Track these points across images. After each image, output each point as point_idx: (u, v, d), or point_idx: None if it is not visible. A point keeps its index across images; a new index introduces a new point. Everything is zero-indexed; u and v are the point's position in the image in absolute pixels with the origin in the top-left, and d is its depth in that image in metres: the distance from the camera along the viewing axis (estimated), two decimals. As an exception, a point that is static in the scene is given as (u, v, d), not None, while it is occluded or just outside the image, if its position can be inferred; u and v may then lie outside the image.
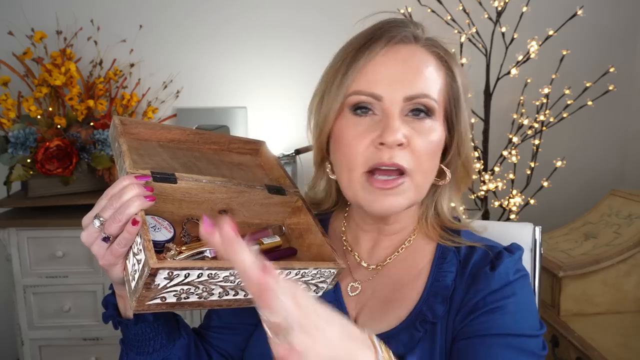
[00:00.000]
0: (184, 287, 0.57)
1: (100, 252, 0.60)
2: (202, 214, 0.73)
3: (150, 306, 0.57)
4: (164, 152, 0.76)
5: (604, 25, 2.15)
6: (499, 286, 0.66)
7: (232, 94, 2.18)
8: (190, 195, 0.71)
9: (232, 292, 0.62)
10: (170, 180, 0.68)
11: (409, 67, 0.65)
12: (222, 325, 0.81)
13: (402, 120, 0.65)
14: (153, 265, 0.52)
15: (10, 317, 1.97)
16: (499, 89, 1.91)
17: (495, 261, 0.68)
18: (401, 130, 0.63)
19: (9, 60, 1.87)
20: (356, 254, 0.77)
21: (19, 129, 1.75)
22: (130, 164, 0.65)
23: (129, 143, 0.71)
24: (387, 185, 0.64)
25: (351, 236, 0.79)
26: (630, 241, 1.52)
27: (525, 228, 0.95)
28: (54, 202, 1.77)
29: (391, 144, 0.63)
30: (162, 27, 2.11)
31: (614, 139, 2.26)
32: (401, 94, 0.64)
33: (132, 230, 0.57)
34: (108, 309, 0.72)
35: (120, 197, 0.58)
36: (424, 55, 0.67)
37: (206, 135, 0.82)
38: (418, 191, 0.67)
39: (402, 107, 0.65)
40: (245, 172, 0.82)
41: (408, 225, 0.76)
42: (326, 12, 2.07)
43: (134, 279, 0.57)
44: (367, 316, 0.72)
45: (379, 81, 0.65)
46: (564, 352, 1.48)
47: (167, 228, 0.67)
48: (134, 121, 0.75)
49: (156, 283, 0.54)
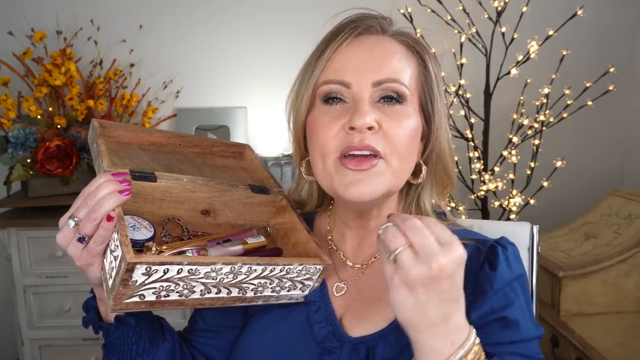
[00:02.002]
0: (163, 284, 0.55)
1: (76, 253, 0.59)
2: (184, 213, 0.73)
3: (128, 305, 0.55)
4: (145, 154, 0.75)
5: (604, 25, 2.15)
6: (500, 286, 0.65)
7: (232, 94, 2.18)
8: (171, 194, 0.70)
9: (215, 289, 0.60)
10: (150, 179, 0.66)
11: (376, 54, 0.66)
12: (207, 329, 0.79)
13: (372, 105, 0.64)
14: (130, 260, 0.51)
15: (10, 317, 1.97)
16: (499, 89, 1.91)
17: (491, 257, 0.67)
18: (371, 114, 0.63)
19: (9, 60, 1.87)
20: (341, 253, 0.76)
21: (19, 129, 1.75)
22: (109, 163, 0.64)
23: (108, 145, 0.70)
24: (360, 165, 0.62)
25: (337, 235, 0.78)
26: (630, 241, 1.52)
27: (523, 227, 0.95)
28: (54, 202, 1.78)
29: (360, 127, 0.62)
30: (162, 27, 2.11)
31: (614, 139, 2.25)
32: (369, 80, 0.65)
33: (107, 227, 0.56)
34: (88, 312, 0.70)
35: (95, 195, 0.57)
36: (391, 44, 0.68)
37: (188, 138, 0.81)
38: (395, 176, 0.65)
39: (372, 92, 0.65)
40: (229, 174, 0.81)
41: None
42: (326, 12, 2.06)
43: (111, 276, 0.55)
44: (352, 316, 0.71)
45: (346, 69, 0.65)
46: (564, 352, 1.48)
47: (147, 227, 0.66)
48: (114, 124, 0.74)
49: (134, 279, 0.53)
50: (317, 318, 0.71)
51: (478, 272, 0.67)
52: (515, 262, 0.68)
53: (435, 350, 0.51)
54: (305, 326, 0.71)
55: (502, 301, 0.64)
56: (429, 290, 0.49)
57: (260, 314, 0.75)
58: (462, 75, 1.90)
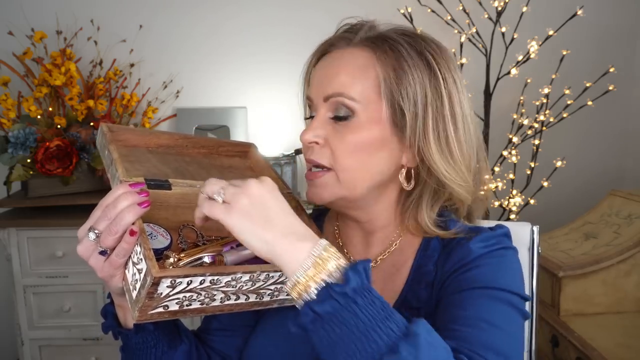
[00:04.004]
0: (186, 295, 0.56)
1: (98, 265, 0.59)
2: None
3: (153, 315, 0.56)
4: (154, 158, 0.76)
5: (604, 25, 2.15)
6: (476, 255, 0.67)
7: (232, 94, 2.18)
8: (185, 201, 0.70)
9: (234, 296, 0.61)
10: (165, 187, 0.67)
11: (328, 70, 0.70)
12: (222, 328, 0.81)
13: (325, 121, 0.70)
14: (156, 275, 0.51)
15: (10, 317, 1.97)
16: (499, 89, 1.91)
17: (472, 234, 0.69)
18: (316, 130, 0.69)
19: (9, 60, 1.87)
20: (349, 254, 0.79)
21: (19, 129, 1.75)
22: (123, 172, 0.64)
23: (119, 150, 0.70)
24: (309, 176, 0.71)
25: (344, 236, 0.81)
26: (630, 241, 1.52)
27: (523, 228, 0.95)
28: (54, 202, 1.77)
29: (304, 142, 0.70)
30: (162, 27, 2.11)
31: (614, 139, 2.25)
32: (321, 95, 0.69)
33: (130, 241, 0.56)
34: (107, 319, 0.71)
35: (115, 207, 0.57)
36: (351, 55, 0.69)
37: (195, 139, 0.82)
38: (345, 186, 0.69)
39: (326, 107, 0.70)
40: (236, 175, 0.82)
41: (387, 224, 0.76)
42: (327, 11, 2.07)
43: (135, 288, 0.56)
44: None
45: (312, 86, 0.73)
46: (564, 352, 1.48)
47: (164, 235, 0.66)
48: (122, 128, 0.75)
49: (159, 292, 0.54)
50: None
51: (455, 247, 0.70)
52: (502, 239, 0.70)
53: (286, 262, 0.53)
54: None
55: (475, 261, 0.66)
56: (255, 208, 0.55)
57: (271, 313, 0.76)
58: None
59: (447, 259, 0.69)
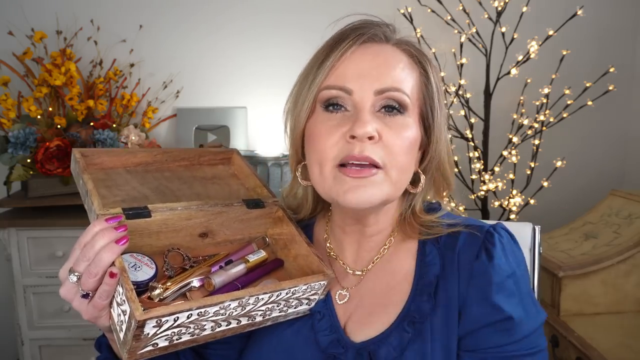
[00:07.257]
0: (174, 330, 0.55)
1: (81, 307, 0.58)
2: (182, 240, 0.72)
3: (143, 354, 0.55)
4: (132, 178, 0.73)
5: (604, 25, 2.15)
6: (500, 280, 0.65)
7: (232, 94, 2.18)
8: (167, 225, 0.68)
9: (225, 323, 0.60)
10: (144, 215, 0.64)
11: (379, 63, 0.65)
12: (219, 341, 0.80)
13: (373, 115, 0.64)
14: (139, 318, 0.50)
15: (10, 317, 1.96)
16: (499, 89, 1.91)
17: (488, 245, 0.67)
18: (372, 123, 0.62)
19: (9, 60, 1.87)
20: (341, 261, 0.76)
21: (19, 129, 1.75)
22: (99, 205, 0.61)
23: (94, 176, 0.67)
24: (360, 173, 0.62)
25: (335, 242, 0.78)
26: (630, 241, 1.52)
27: (525, 228, 0.95)
28: (54, 202, 1.77)
29: (361, 136, 0.61)
30: (162, 27, 2.11)
31: (614, 139, 2.25)
32: (371, 88, 0.64)
33: (111, 283, 0.55)
34: (102, 351, 0.70)
35: (92, 247, 0.56)
36: (395, 53, 0.68)
37: (174, 152, 0.79)
38: (394, 186, 0.65)
39: (374, 101, 0.64)
40: (220, 186, 0.80)
41: (387, 227, 0.74)
42: (326, 12, 2.07)
43: (122, 329, 0.55)
44: (355, 322, 0.71)
45: (349, 76, 0.65)
46: (564, 352, 1.48)
47: (149, 264, 0.64)
48: (96, 151, 0.71)
49: (145, 332, 0.52)
50: (321, 326, 0.71)
51: (473, 261, 0.66)
52: (512, 251, 0.68)
53: None
54: (310, 334, 0.71)
55: (500, 300, 0.64)
56: None
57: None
58: (462, 75, 1.90)
59: (469, 279, 0.66)
